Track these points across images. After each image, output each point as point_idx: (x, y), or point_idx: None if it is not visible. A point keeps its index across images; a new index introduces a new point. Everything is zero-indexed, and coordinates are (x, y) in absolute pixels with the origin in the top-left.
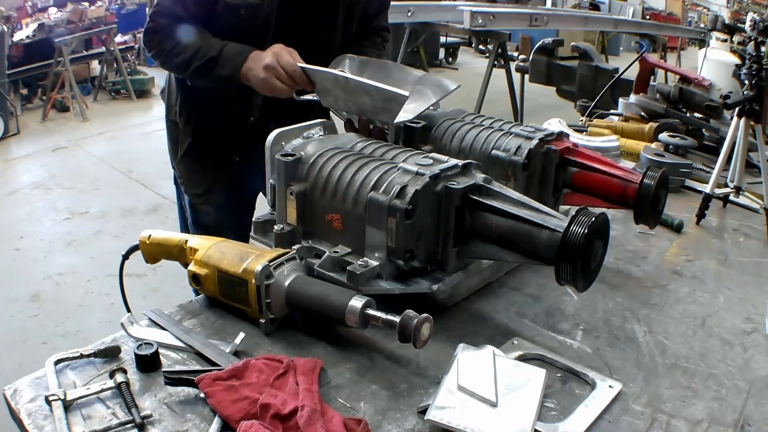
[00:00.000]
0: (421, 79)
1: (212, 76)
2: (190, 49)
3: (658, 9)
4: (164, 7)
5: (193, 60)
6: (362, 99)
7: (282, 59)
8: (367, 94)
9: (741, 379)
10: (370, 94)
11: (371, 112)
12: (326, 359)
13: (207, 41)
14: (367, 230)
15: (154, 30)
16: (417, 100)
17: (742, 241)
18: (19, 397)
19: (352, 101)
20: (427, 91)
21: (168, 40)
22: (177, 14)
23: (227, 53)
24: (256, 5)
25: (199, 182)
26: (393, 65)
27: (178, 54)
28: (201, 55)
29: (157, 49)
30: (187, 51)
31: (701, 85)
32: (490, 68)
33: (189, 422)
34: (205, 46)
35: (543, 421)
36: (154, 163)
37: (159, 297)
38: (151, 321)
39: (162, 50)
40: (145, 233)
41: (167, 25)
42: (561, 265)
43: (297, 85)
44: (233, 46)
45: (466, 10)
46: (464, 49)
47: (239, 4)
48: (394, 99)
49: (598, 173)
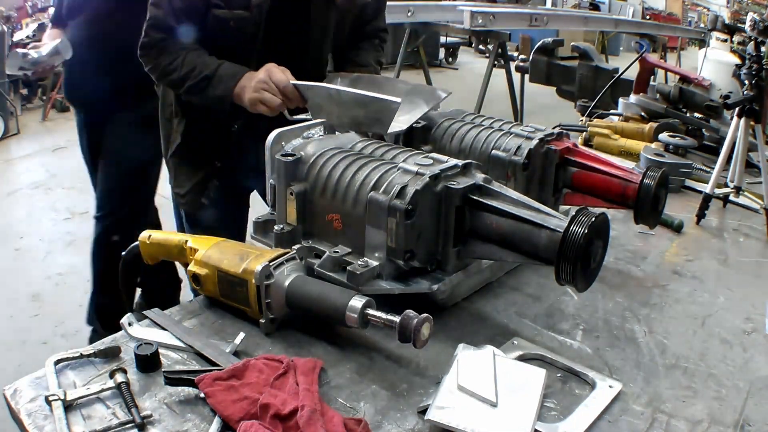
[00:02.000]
0: (412, 89)
1: (205, 94)
2: (185, 66)
3: (658, 9)
4: (157, 21)
5: (188, 78)
6: (355, 111)
7: (274, 76)
8: (359, 106)
9: (741, 379)
10: (363, 104)
11: (365, 125)
12: (326, 359)
13: (202, 60)
14: (367, 230)
15: (149, 45)
16: (409, 110)
17: (742, 241)
18: (19, 397)
19: (345, 115)
20: (418, 100)
21: (163, 57)
22: (170, 27)
23: (222, 73)
24: (245, 17)
25: (183, 183)
26: (383, 79)
27: (173, 71)
28: (196, 73)
29: (152, 65)
30: (182, 69)
31: (701, 85)
32: (490, 68)
33: (189, 422)
34: (200, 64)
35: (543, 421)
36: None
37: None
38: (151, 321)
39: (157, 66)
40: (145, 233)
41: (162, 39)
42: (561, 265)
43: (288, 100)
44: (228, 67)
45: (466, 10)
46: (464, 49)
47: (228, 16)
48: (387, 107)
49: (598, 173)
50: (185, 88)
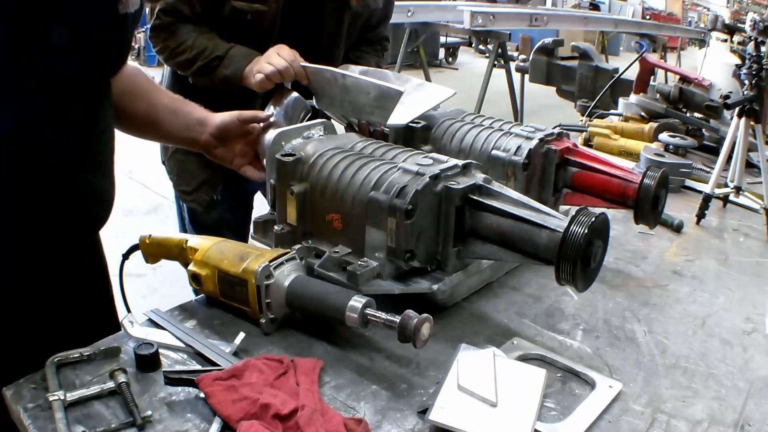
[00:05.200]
0: (418, 86)
1: (215, 75)
2: (195, 47)
3: (658, 9)
4: (170, 5)
5: (198, 58)
6: (358, 98)
7: (282, 51)
8: (362, 93)
9: (741, 379)
10: (366, 91)
11: (367, 112)
12: (326, 359)
13: (214, 42)
14: (367, 230)
15: (160, 27)
16: (413, 104)
17: (742, 241)
18: (19, 397)
19: (348, 101)
20: (423, 96)
21: (173, 38)
22: (182, 12)
23: (233, 54)
24: (263, 11)
25: (190, 180)
26: (392, 74)
27: (183, 52)
28: (207, 53)
29: (161, 45)
30: (193, 49)
31: (701, 85)
32: (490, 68)
33: (189, 422)
34: (211, 45)
35: (543, 421)
36: (155, 163)
37: (159, 297)
38: (151, 321)
39: (167, 47)
40: (145, 233)
41: (172, 23)
42: (561, 265)
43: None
44: (240, 49)
45: (466, 10)
46: (464, 49)
47: (246, 9)
48: (389, 96)
49: (598, 173)
50: (195, 68)
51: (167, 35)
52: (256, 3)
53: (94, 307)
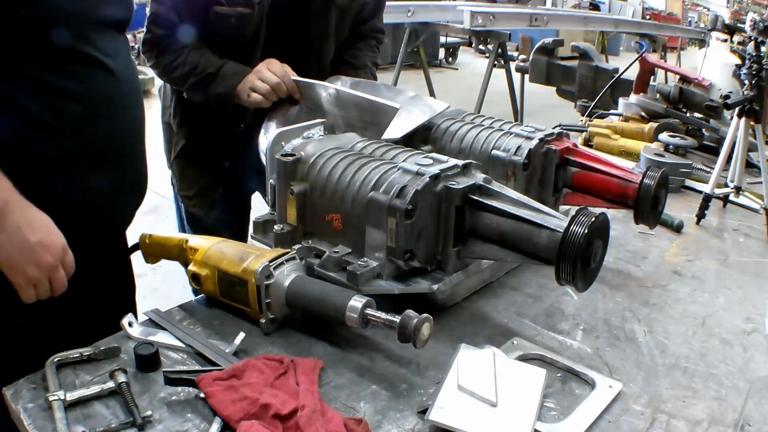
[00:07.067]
0: (411, 99)
1: (208, 92)
2: (188, 64)
3: (658, 9)
4: (159, 16)
5: (191, 75)
6: (352, 113)
7: (272, 66)
8: (357, 108)
9: (741, 379)
10: (361, 107)
11: (359, 127)
12: (326, 359)
13: (206, 58)
14: (367, 230)
15: (152, 42)
16: (406, 119)
17: (742, 241)
18: (19, 397)
19: (342, 116)
20: (416, 110)
21: (166, 54)
22: (173, 23)
23: (225, 71)
24: (246, 14)
25: (191, 185)
26: (383, 86)
27: (176, 68)
28: (199, 71)
29: (154, 61)
30: (185, 66)
31: (701, 85)
32: (490, 68)
33: (189, 422)
34: (203, 62)
35: (543, 421)
36: (155, 163)
37: (159, 297)
38: (151, 321)
39: (160, 63)
40: (145, 233)
41: (165, 36)
42: (561, 265)
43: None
44: (232, 66)
45: (466, 10)
46: (464, 49)
47: (230, 13)
48: (384, 112)
49: (598, 173)
50: (188, 85)
51: (159, 51)
52: (238, 6)
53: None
